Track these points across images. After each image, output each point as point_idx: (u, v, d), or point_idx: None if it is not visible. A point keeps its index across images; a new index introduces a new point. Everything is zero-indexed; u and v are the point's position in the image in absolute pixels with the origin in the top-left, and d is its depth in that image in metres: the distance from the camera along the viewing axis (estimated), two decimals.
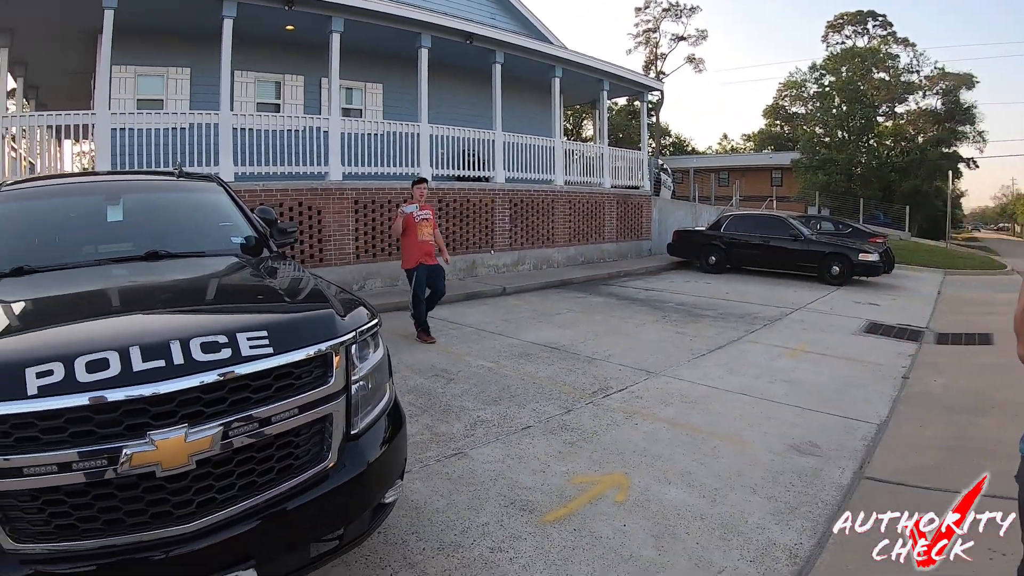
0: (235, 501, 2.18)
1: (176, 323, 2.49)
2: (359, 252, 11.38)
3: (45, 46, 12.51)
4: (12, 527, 1.96)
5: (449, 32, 12.74)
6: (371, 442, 2.63)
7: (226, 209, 4.40)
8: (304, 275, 3.47)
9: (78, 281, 3.17)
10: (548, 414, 5.22)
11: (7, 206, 4.00)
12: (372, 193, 11.52)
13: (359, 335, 2.62)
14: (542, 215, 14.61)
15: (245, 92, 12.74)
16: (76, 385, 1.97)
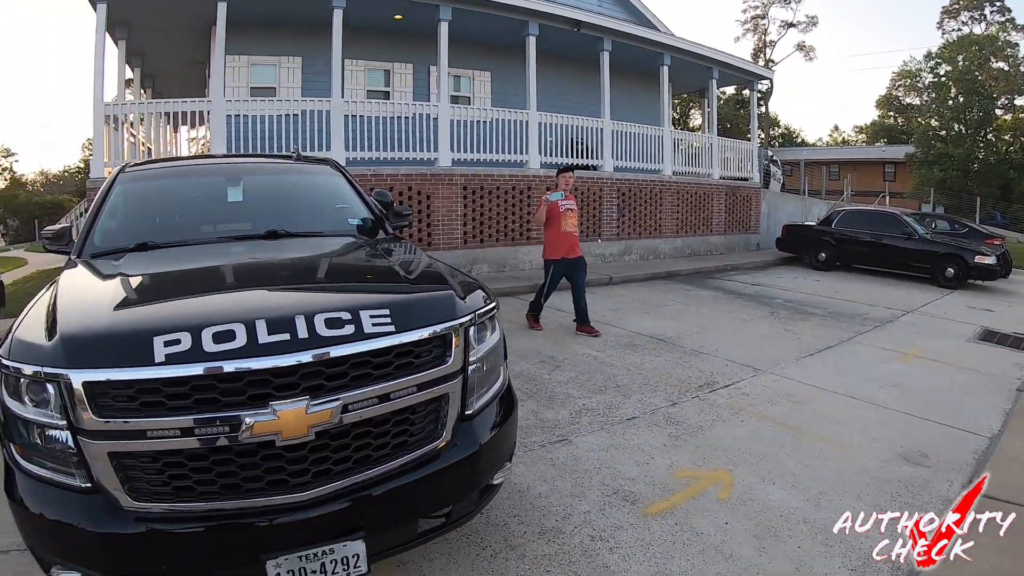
0: (349, 473, 2.23)
1: (300, 299, 2.56)
2: (467, 237, 11.35)
3: (160, 38, 12.96)
4: (131, 486, 2.06)
5: (556, 20, 12.51)
6: (483, 424, 2.64)
7: (343, 191, 4.46)
8: (423, 257, 3.47)
9: (200, 257, 3.33)
10: (653, 406, 5.15)
11: (132, 186, 4.16)
12: (480, 179, 11.45)
13: (478, 317, 2.63)
14: (650, 205, 14.18)
15: (355, 80, 12.87)
16: (202, 354, 2.05)
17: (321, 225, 3.92)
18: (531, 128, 12.19)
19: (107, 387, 2.04)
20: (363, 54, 12.85)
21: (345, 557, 2.18)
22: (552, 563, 2.97)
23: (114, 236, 3.58)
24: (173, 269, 3.19)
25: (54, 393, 2.08)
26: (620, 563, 2.98)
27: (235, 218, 4.07)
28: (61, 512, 2.11)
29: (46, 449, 2.14)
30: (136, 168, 4.57)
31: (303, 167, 4.88)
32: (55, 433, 2.10)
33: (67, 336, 2.18)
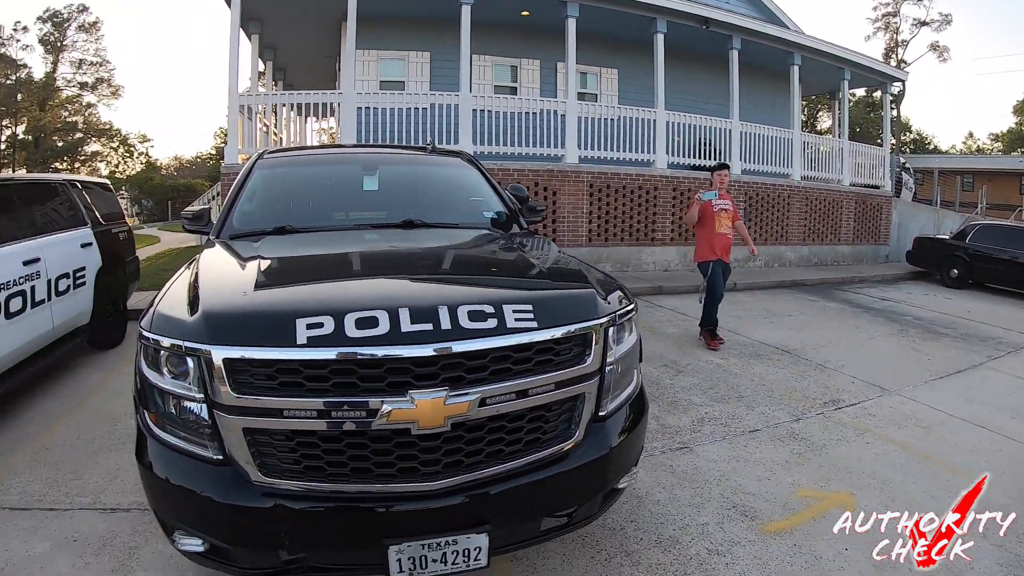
0: (480, 466, 2.20)
1: (443, 290, 2.54)
2: (591, 235, 11.22)
3: (291, 32, 13.42)
4: (263, 462, 2.10)
5: (684, 17, 12.23)
6: (615, 427, 2.56)
7: (477, 184, 4.44)
8: (561, 254, 3.40)
9: (338, 243, 3.38)
10: (776, 420, 4.97)
11: (270, 172, 4.28)
12: (607, 178, 11.29)
13: (618, 318, 2.56)
14: (777, 211, 13.62)
15: (482, 75, 12.94)
16: (345, 339, 2.06)
17: (456, 217, 3.89)
18: (658, 127, 11.94)
19: (247, 365, 2.06)
20: (490, 49, 12.90)
21: (467, 549, 2.15)
22: (667, 573, 2.92)
23: (252, 219, 3.68)
24: (312, 253, 3.24)
25: (193, 367, 2.12)
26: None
27: (370, 206, 4.11)
28: (190, 481, 2.16)
29: (180, 420, 2.20)
30: (274, 155, 4.66)
31: (438, 159, 4.86)
32: (191, 405, 2.15)
33: (209, 313, 2.22)
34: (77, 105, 46.87)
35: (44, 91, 44.37)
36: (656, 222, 11.73)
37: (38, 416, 4.99)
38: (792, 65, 14.16)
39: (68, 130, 46.10)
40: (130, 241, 7.94)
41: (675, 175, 11.90)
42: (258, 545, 2.20)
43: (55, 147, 44.88)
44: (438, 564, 2.13)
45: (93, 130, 47.19)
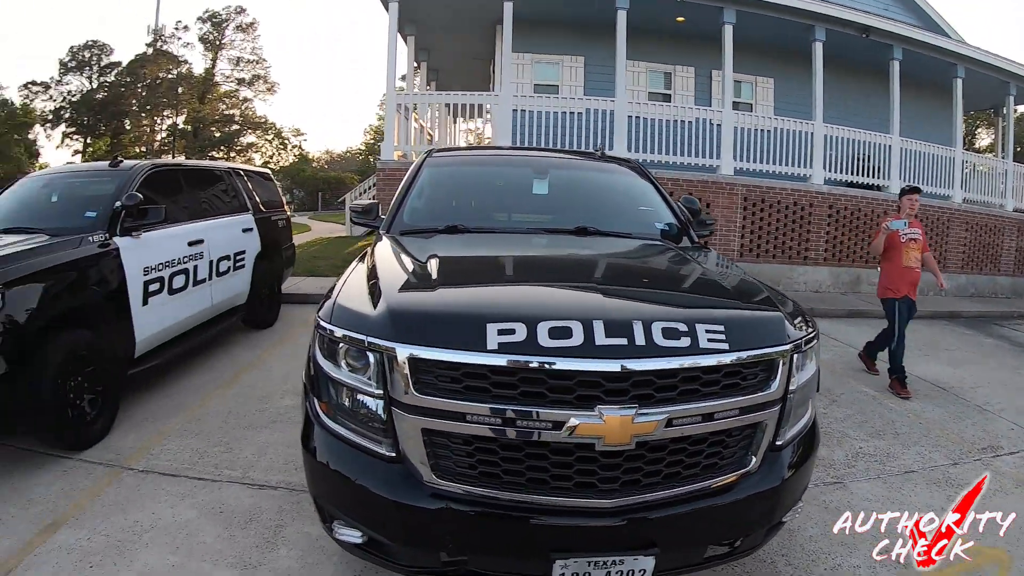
0: (656, 488, 2.15)
1: (636, 304, 2.46)
2: (742, 250, 10.97)
3: (446, 35, 13.75)
4: (437, 463, 2.09)
5: (844, 24, 11.72)
6: (788, 458, 2.46)
7: (647, 193, 4.35)
8: (742, 272, 3.27)
9: (513, 245, 3.38)
10: (933, 462, 4.72)
11: (438, 170, 4.32)
12: (762, 191, 10.99)
13: (803, 344, 2.43)
14: (935, 235, 12.85)
15: (636, 81, 12.87)
16: (537, 348, 2.02)
17: (627, 226, 3.77)
18: (816, 140, 11.50)
19: (433, 366, 2.04)
20: (644, 55, 12.81)
21: (632, 570, 2.10)
22: None
23: (422, 216, 3.74)
24: (490, 254, 3.24)
25: (374, 362, 2.12)
26: None
27: (540, 210, 4.08)
28: (359, 474, 2.18)
29: (353, 412, 2.22)
30: (442, 154, 4.74)
31: (608, 166, 4.79)
32: (367, 400, 2.17)
33: (396, 310, 2.22)
34: (234, 99, 50.36)
35: (203, 85, 47.91)
36: (809, 240, 11.30)
37: (192, 388, 5.25)
38: (955, 78, 13.33)
39: (225, 122, 49.59)
40: (287, 228, 8.27)
41: (831, 192, 11.45)
42: (421, 545, 2.19)
43: (212, 137, 48.39)
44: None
45: (248, 123, 50.55)
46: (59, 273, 4.04)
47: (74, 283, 4.16)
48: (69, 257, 4.18)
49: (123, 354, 4.64)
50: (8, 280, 3.62)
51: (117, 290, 4.56)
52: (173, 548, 2.99)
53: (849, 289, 11.67)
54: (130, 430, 4.39)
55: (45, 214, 4.96)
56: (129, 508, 3.36)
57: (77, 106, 46.43)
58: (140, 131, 48.14)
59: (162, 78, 46.51)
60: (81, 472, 3.78)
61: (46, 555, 2.94)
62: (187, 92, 47.05)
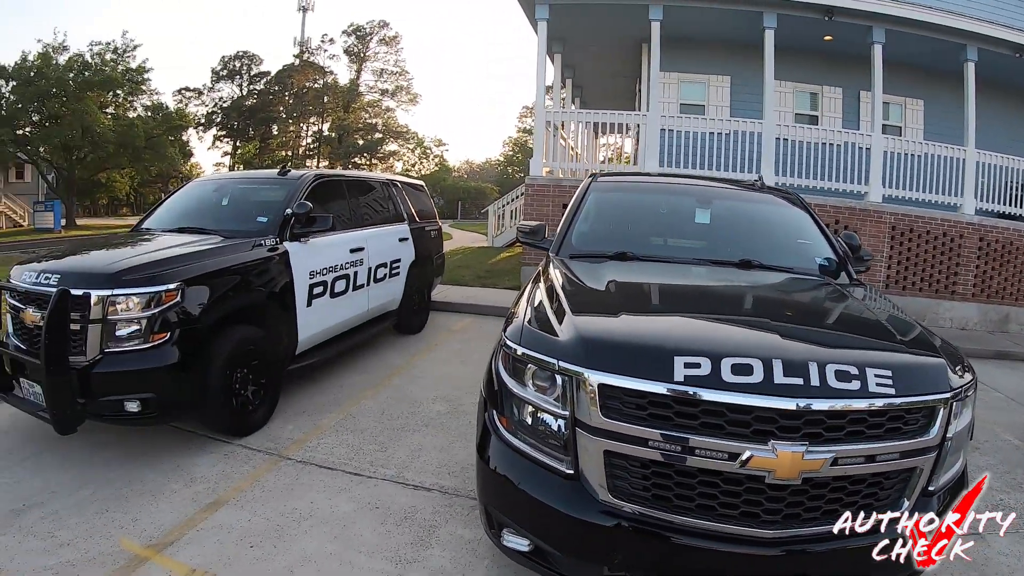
0: (814, 523, 2.24)
1: (811, 346, 2.54)
2: (888, 281, 10.63)
3: (591, 53, 13.97)
4: (614, 484, 2.26)
5: (998, 44, 11.20)
6: (938, 504, 2.50)
7: (807, 227, 4.37)
8: (903, 314, 3.27)
9: (682, 275, 3.52)
10: None
11: (604, 195, 4.46)
12: (911, 220, 10.61)
13: (963, 392, 2.47)
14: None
15: (783, 102, 12.74)
16: (720, 383, 2.16)
17: (788, 260, 3.86)
18: (967, 167, 11.01)
19: (621, 392, 2.21)
20: (790, 75, 12.63)
21: None
22: None
23: (589, 240, 3.93)
24: (663, 283, 3.39)
25: (562, 385, 2.30)
26: None
27: (703, 240, 4.20)
28: (535, 488, 2.35)
29: (535, 429, 2.40)
30: (607, 179, 4.90)
31: (767, 196, 4.84)
32: (551, 419, 2.36)
33: (587, 338, 2.38)
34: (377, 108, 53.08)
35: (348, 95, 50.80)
36: (958, 274, 10.84)
37: (346, 387, 5.50)
38: None
39: (368, 130, 52.32)
40: (439, 239, 8.56)
41: (982, 222, 10.91)
42: (587, 558, 2.34)
43: (356, 144, 51.10)
44: None
45: (391, 131, 53.13)
46: (234, 273, 4.41)
47: (247, 283, 4.53)
48: (243, 259, 4.54)
49: (286, 350, 5.00)
50: (188, 278, 3.98)
51: (285, 291, 4.93)
52: (331, 537, 3.17)
53: (997, 328, 11.10)
54: (288, 421, 4.70)
55: (217, 216, 5.33)
56: (288, 495, 3.60)
57: (228, 111, 50.30)
58: (287, 136, 51.70)
59: (308, 87, 49.82)
60: (241, 457, 4.08)
61: (209, 531, 3.18)
62: (332, 101, 50.09)
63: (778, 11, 10.40)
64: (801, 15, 10.54)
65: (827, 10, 10.45)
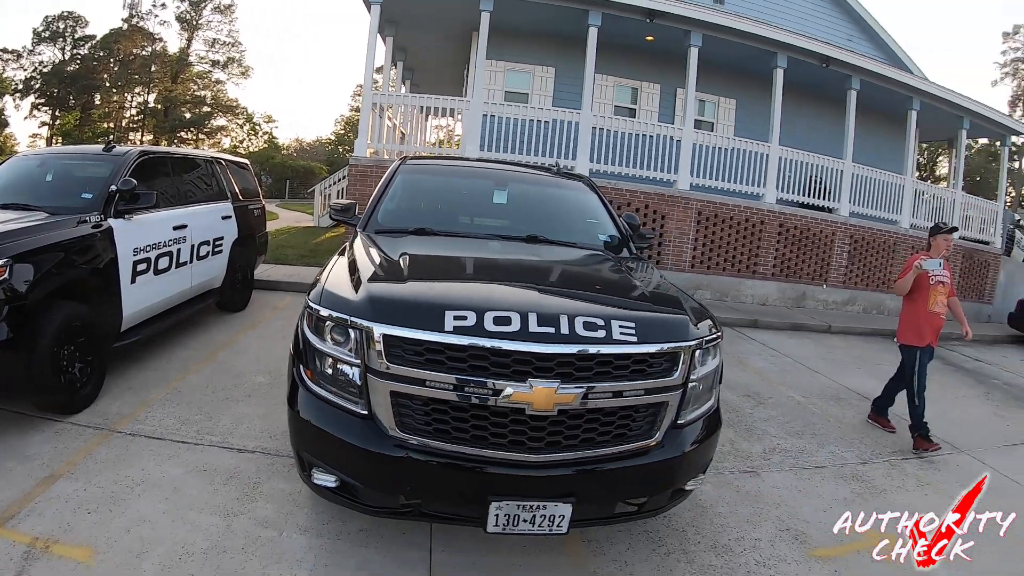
0: (574, 449, 2.66)
1: (564, 301, 2.97)
2: (694, 262, 11.43)
3: (423, 38, 14.09)
4: (400, 420, 2.59)
5: (805, 53, 12.24)
6: (690, 435, 2.97)
7: (595, 208, 4.90)
8: (664, 281, 3.79)
9: (472, 248, 3.84)
10: (844, 460, 5.21)
11: (411, 177, 4.78)
12: (716, 207, 11.47)
13: (705, 343, 2.96)
14: (881, 256, 13.43)
15: (603, 95, 13.29)
16: (483, 332, 2.53)
17: (574, 236, 4.33)
18: (771, 162, 11.99)
19: (401, 342, 2.55)
20: (613, 70, 13.22)
21: (553, 515, 2.60)
22: (716, 574, 3.25)
23: (393, 218, 4.22)
24: (451, 255, 3.74)
25: (355, 339, 2.62)
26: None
27: (498, 218, 4.62)
28: (337, 428, 2.65)
29: (335, 379, 2.70)
30: (415, 162, 5.21)
31: (562, 181, 5.32)
32: (346, 368, 2.66)
33: (373, 296, 2.72)
34: (207, 80, 49.61)
35: (177, 65, 47.14)
36: (759, 255, 11.83)
37: (172, 363, 5.57)
38: (910, 110, 13.92)
39: (196, 103, 48.91)
40: (262, 217, 8.58)
41: (782, 211, 11.98)
42: (384, 487, 2.69)
43: (183, 118, 47.66)
44: (526, 524, 2.59)
45: (220, 106, 49.89)
46: (60, 250, 4.37)
47: (72, 259, 4.49)
48: (69, 235, 4.49)
49: (111, 327, 4.98)
50: (15, 254, 3.94)
51: (109, 267, 4.89)
52: (163, 499, 3.33)
53: (795, 304, 12.19)
54: (116, 398, 4.73)
55: (41, 192, 5.23)
56: (120, 465, 3.70)
57: (48, 77, 45.73)
58: (110, 107, 47.53)
59: (136, 54, 45.86)
60: (73, 433, 4.11)
61: (47, 503, 3.26)
62: (160, 71, 46.33)
63: (603, 10, 10.90)
64: (625, 15, 11.09)
65: (649, 13, 11.05)
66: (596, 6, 10.90)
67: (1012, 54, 44.56)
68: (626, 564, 3.21)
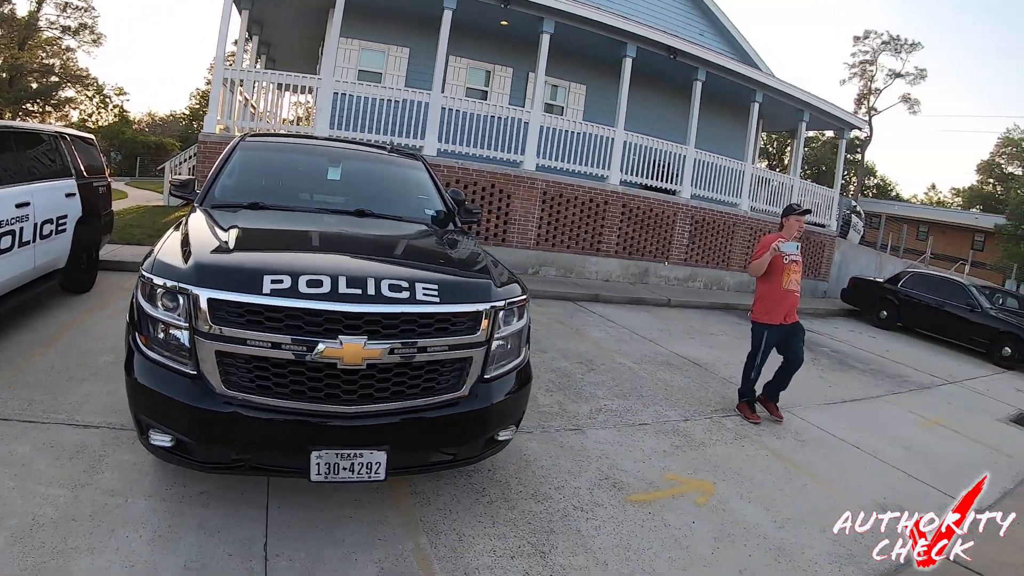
0: (386, 400, 2.90)
1: (373, 266, 3.22)
2: (539, 239, 11.84)
3: (281, 12, 13.87)
4: (226, 378, 2.76)
5: (654, 45, 12.85)
6: (499, 388, 3.25)
7: (425, 184, 5.20)
8: (479, 250, 4.07)
9: (300, 221, 4.04)
10: (667, 418, 5.55)
11: (249, 154, 4.91)
12: (561, 187, 11.92)
13: (507, 304, 3.26)
14: (721, 236, 14.38)
15: (457, 76, 13.49)
16: (298, 294, 2.75)
17: (401, 211, 4.57)
18: (616, 146, 12.56)
19: (224, 305, 2.73)
20: (467, 52, 13.45)
21: (370, 462, 2.84)
22: (535, 519, 3.51)
23: (231, 193, 4.35)
24: (279, 228, 3.92)
25: (183, 304, 2.79)
26: (591, 531, 3.49)
27: (332, 194, 4.80)
28: (170, 389, 2.81)
29: (165, 342, 2.85)
30: (254, 139, 5.31)
31: (395, 159, 5.56)
32: (176, 332, 2.82)
33: (200, 264, 2.90)
34: (56, 48, 45.45)
35: (26, 30, 42.95)
36: (603, 234, 12.40)
37: (16, 346, 5.40)
38: (753, 102, 14.83)
39: (44, 72, 44.76)
40: (108, 195, 8.35)
41: (626, 192, 12.59)
42: (215, 442, 2.85)
43: (29, 88, 43.60)
44: (347, 472, 2.82)
45: (70, 76, 45.83)
46: None
47: None
48: None
49: None
50: None
51: None
52: (11, 475, 3.33)
53: (638, 280, 12.88)
54: None
55: None
56: None
57: None
58: None
59: None
60: None
61: None
62: (6, 36, 42.02)
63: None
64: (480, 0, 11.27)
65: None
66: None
67: (861, 56, 47.81)
68: (451, 512, 3.45)
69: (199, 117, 48.75)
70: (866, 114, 46.59)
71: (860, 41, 47.50)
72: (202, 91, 52.51)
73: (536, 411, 5.04)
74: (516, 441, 4.29)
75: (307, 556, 2.91)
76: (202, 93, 52.32)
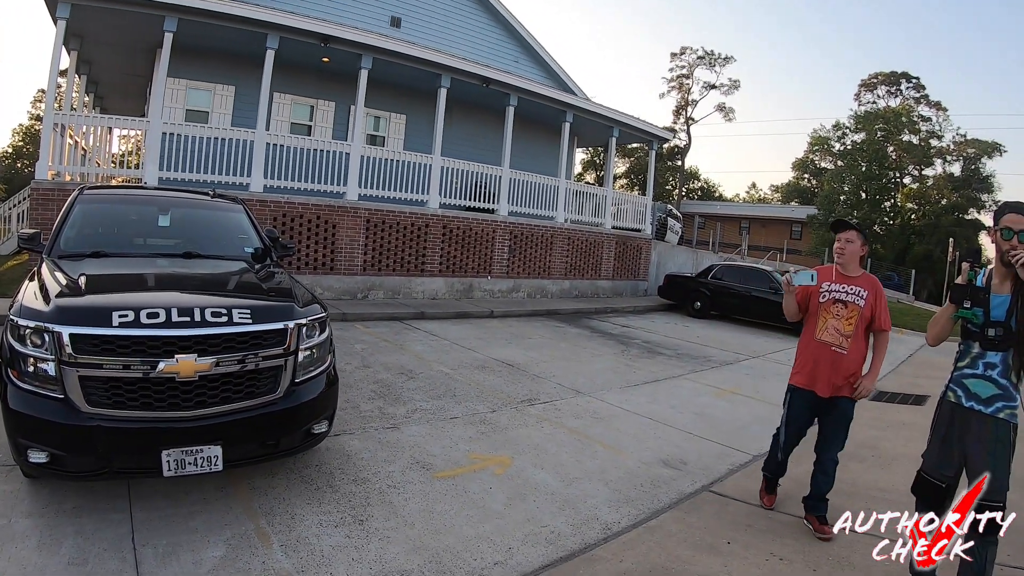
0: (217, 404, 3.58)
1: (199, 298, 3.97)
2: (366, 265, 12.58)
3: (109, 51, 13.87)
4: (88, 397, 3.35)
5: (467, 75, 13.90)
6: (308, 389, 4.02)
7: (244, 225, 5.94)
8: (287, 279, 4.86)
9: (137, 265, 4.79)
10: (475, 411, 6.22)
11: (88, 207, 5.51)
12: (383, 214, 12.73)
13: (308, 321, 4.08)
14: (541, 248, 15.66)
15: (281, 112, 14.04)
16: (140, 324, 3.43)
17: (224, 250, 5.34)
18: (434, 171, 13.53)
19: (82, 338, 3.34)
20: (291, 88, 14.01)
21: (209, 456, 3.49)
22: (355, 497, 4.16)
23: (74, 243, 4.90)
24: (120, 272, 4.56)
25: (48, 340, 3.36)
26: (402, 502, 4.16)
27: (163, 238, 5.48)
28: (42, 412, 3.32)
29: (35, 373, 3.38)
30: (91, 192, 5.91)
31: (218, 204, 6.26)
32: (43, 364, 3.37)
33: (59, 307, 3.52)
34: None
35: None
36: (426, 256, 13.33)
37: None
38: (564, 123, 16.22)
39: None
40: None
41: (445, 214, 13.62)
42: (83, 453, 3.38)
43: None
44: (192, 466, 3.44)
45: None
46: None
47: None
48: None
49: None
50: None
51: None
52: None
53: (463, 295, 13.95)
54: None
55: None
56: None
57: None
58: None
59: None
60: None
61: None
62: None
63: (281, 34, 11.53)
64: (301, 39, 11.83)
65: (324, 38, 11.92)
66: (274, 30, 11.50)
67: (678, 71, 51.81)
68: (284, 499, 4.02)
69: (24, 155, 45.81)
70: (684, 124, 50.82)
71: (677, 57, 51.52)
72: (25, 127, 48.97)
73: (358, 416, 5.71)
74: (339, 440, 5.05)
75: (168, 543, 3.39)
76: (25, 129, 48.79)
